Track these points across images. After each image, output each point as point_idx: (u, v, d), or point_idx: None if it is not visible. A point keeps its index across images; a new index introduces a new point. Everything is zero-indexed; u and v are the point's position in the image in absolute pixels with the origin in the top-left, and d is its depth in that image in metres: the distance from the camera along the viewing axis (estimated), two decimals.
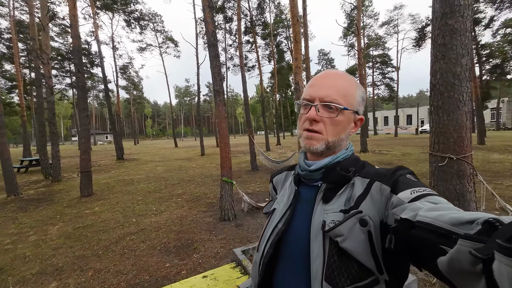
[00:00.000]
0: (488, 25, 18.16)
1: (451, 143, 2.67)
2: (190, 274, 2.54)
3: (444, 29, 2.59)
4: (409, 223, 0.38)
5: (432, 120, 2.85)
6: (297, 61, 5.64)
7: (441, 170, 2.77)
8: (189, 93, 71.54)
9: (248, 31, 18.45)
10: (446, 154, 2.70)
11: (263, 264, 0.61)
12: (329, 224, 0.51)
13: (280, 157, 12.00)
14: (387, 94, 33.09)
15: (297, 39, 5.59)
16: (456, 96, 2.61)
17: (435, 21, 2.69)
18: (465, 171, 2.67)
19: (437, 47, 2.68)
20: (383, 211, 0.48)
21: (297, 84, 5.59)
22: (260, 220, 4.09)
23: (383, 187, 0.50)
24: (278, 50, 25.05)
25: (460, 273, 0.30)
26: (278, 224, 0.62)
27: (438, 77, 2.69)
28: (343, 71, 0.64)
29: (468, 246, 0.28)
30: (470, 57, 2.61)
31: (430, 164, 2.95)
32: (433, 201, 0.42)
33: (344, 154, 0.61)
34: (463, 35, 2.51)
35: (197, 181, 7.63)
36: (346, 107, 0.57)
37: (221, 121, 4.18)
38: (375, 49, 31.67)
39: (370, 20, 27.68)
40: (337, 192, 0.56)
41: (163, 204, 5.35)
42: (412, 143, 16.25)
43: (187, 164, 11.64)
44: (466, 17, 2.49)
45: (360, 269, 0.47)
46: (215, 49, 4.13)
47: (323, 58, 36.94)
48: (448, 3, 2.55)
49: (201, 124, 19.12)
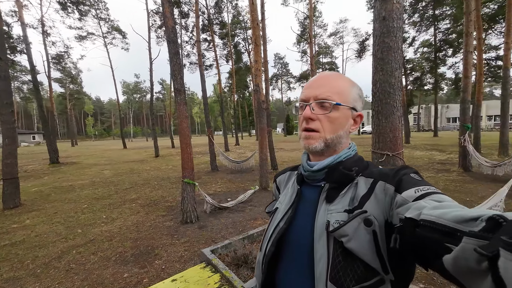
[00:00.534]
0: (411, 44, 21.78)
1: (388, 142, 3.16)
2: (153, 282, 2.41)
3: (383, 46, 3.06)
4: (414, 222, 0.38)
5: (373, 123, 3.34)
6: (257, 64, 5.82)
7: (380, 165, 3.24)
8: (139, 90, 65.77)
9: (205, 29, 18.04)
10: (384, 151, 3.19)
11: (265, 262, 0.61)
12: (333, 224, 0.51)
13: (239, 157, 12.11)
14: None
15: (257, 42, 5.78)
16: (391, 102, 3.11)
17: (376, 38, 3.15)
18: (398, 165, 3.18)
19: (377, 60, 3.15)
20: (387, 211, 0.48)
21: (257, 86, 5.77)
22: (224, 220, 4.11)
23: (387, 186, 0.50)
24: (236, 51, 25.16)
25: (466, 271, 0.29)
26: (280, 223, 0.62)
27: (378, 86, 3.16)
28: (337, 72, 0.65)
29: (473, 243, 0.28)
30: (401, 70, 3.15)
31: (372, 161, 3.43)
32: (437, 199, 0.41)
33: (347, 153, 0.61)
34: (396, 52, 3.01)
35: (153, 184, 7.16)
36: (340, 102, 0.57)
37: (182, 121, 4.05)
38: (324, 56, 34.65)
39: (320, 30, 30.14)
40: (341, 191, 0.56)
41: (115, 211, 4.87)
42: (356, 142, 18.32)
43: (139, 167, 10.76)
44: (398, 37, 3.00)
45: (365, 269, 0.47)
46: (175, 46, 3.98)
47: (279, 62, 38.59)
48: (385, 24, 3.02)
49: (154, 124, 17.87)
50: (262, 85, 5.89)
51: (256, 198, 5.23)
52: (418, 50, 27.36)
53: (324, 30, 30.14)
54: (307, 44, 28.68)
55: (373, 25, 3.21)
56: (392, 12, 2.96)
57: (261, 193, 5.55)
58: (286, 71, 40.79)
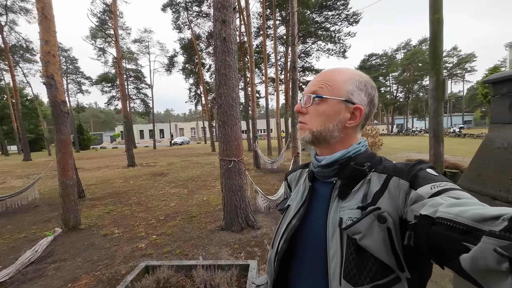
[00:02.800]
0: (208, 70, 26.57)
1: (233, 149, 3.54)
2: None
3: (225, 63, 3.39)
4: (429, 219, 0.37)
5: (220, 132, 3.58)
6: (48, 46, 3.87)
7: (228, 170, 3.55)
8: None
9: None
10: (231, 158, 3.53)
11: (277, 260, 0.60)
12: (346, 222, 0.50)
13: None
14: (143, 109, 34.53)
15: (47, 14, 3.87)
16: (235, 114, 3.53)
17: (218, 55, 3.42)
18: (242, 169, 3.67)
19: (221, 75, 3.43)
20: (402, 208, 0.47)
21: (51, 79, 3.84)
22: None
23: (402, 182, 0.49)
24: None
25: (485, 271, 0.28)
26: (292, 220, 0.61)
27: (223, 99, 3.45)
28: (341, 67, 0.63)
29: (493, 243, 0.27)
30: (238, 88, 3.67)
31: (221, 167, 3.66)
32: (455, 196, 0.40)
33: (356, 148, 0.59)
34: (235, 71, 3.48)
35: None
36: (323, 95, 0.57)
37: None
38: (128, 62, 31.67)
39: (122, 32, 27.09)
40: (353, 188, 0.54)
41: None
42: (171, 154, 18.54)
43: None
44: (236, 59, 3.48)
45: (380, 266, 0.46)
46: None
47: (61, 55, 29.03)
48: (226, 45, 3.38)
49: None
50: (59, 78, 4.03)
51: (62, 247, 3.44)
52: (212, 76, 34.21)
53: (127, 34, 27.56)
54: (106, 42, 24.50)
55: (214, 43, 3.46)
56: (231, 36, 3.39)
57: (70, 237, 3.73)
58: (74, 68, 31.74)
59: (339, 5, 16.22)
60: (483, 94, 16.74)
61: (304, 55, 20.37)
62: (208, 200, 5.51)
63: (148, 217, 4.50)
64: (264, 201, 4.32)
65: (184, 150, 22.34)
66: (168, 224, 4.09)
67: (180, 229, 3.88)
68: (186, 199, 5.69)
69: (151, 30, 28.78)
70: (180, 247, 3.25)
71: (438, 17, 2.80)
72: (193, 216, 4.43)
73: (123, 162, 13.32)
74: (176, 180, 7.92)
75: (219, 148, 3.63)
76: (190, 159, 14.35)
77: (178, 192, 6.39)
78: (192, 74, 27.85)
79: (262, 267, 2.54)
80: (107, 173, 10.17)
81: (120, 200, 5.76)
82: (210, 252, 3.05)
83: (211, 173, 8.95)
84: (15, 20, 21.18)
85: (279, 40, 17.55)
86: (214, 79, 3.53)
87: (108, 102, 32.15)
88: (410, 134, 33.44)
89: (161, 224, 4.12)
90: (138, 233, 3.79)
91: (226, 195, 3.60)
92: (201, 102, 32.52)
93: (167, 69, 23.63)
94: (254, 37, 18.20)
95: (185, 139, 38.01)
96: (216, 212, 4.59)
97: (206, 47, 23.15)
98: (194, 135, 52.14)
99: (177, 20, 19.34)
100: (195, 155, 16.54)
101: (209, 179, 7.83)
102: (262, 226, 3.75)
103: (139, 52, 29.98)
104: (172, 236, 3.60)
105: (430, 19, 2.86)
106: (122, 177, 8.90)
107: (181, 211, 4.76)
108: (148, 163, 13.13)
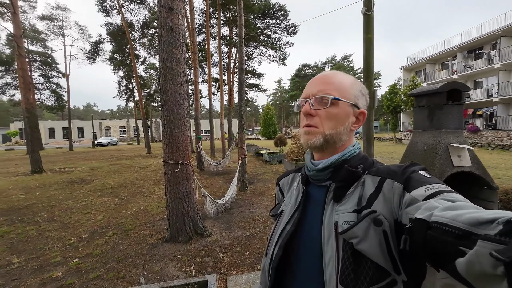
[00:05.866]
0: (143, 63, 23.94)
1: (181, 152, 3.22)
2: None
3: (171, 56, 3.06)
4: (425, 223, 0.37)
5: (165, 132, 3.20)
6: None
7: (175, 175, 3.21)
8: None
9: None
10: (178, 161, 3.20)
11: (272, 268, 0.58)
12: (343, 225, 0.49)
13: None
14: (55, 102, 28.25)
15: None
16: (182, 113, 3.22)
17: (163, 46, 3.06)
18: (190, 173, 3.39)
19: (167, 69, 3.08)
20: (396, 210, 0.47)
21: None
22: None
23: (395, 184, 0.49)
24: None
25: (480, 275, 0.28)
26: (287, 226, 0.60)
27: (169, 95, 3.11)
28: (338, 71, 0.64)
29: (488, 247, 0.27)
30: (187, 84, 3.37)
31: (165, 172, 3.26)
32: (449, 199, 0.40)
33: (351, 151, 0.59)
34: (183, 65, 3.18)
35: None
36: (338, 97, 0.56)
37: None
38: (33, 43, 25.36)
39: (23, 3, 21.40)
40: (347, 191, 0.54)
41: None
42: (94, 157, 15.75)
43: None
44: (184, 52, 3.18)
45: (377, 270, 0.45)
46: None
47: None
48: (172, 35, 3.06)
49: None
50: None
51: None
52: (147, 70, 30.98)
53: (30, 7, 22.01)
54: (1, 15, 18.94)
55: (159, 32, 3.08)
56: (178, 27, 3.08)
57: None
58: None
59: (280, 15, 17.25)
60: (387, 105, 20.95)
61: (247, 58, 20.79)
62: (146, 208, 4.86)
63: (65, 236, 3.62)
64: (213, 205, 4.09)
65: (112, 152, 19.37)
66: (95, 243, 3.38)
67: (112, 246, 3.26)
68: (117, 209, 4.86)
69: (66, 8, 23.78)
70: (114, 268, 2.72)
71: (370, 36, 3.26)
72: (128, 229, 3.81)
73: (23, 167, 10.59)
74: (103, 188, 6.72)
75: (163, 151, 3.23)
76: (120, 162, 12.53)
77: (107, 201, 5.42)
78: (123, 66, 24.56)
79: (221, 281, 2.36)
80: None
81: (20, 218, 4.45)
82: (154, 270, 2.66)
83: (147, 178, 8.00)
84: None
85: (223, 41, 17.35)
86: (158, 72, 3.10)
87: (0, 91, 24.90)
88: None
89: (85, 244, 3.37)
90: (51, 258, 2.99)
91: (171, 203, 3.22)
92: (133, 98, 29.01)
93: (89, 57, 19.96)
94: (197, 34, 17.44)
95: (113, 139, 33.10)
96: (158, 222, 4.08)
97: (140, 37, 20.78)
98: (124, 135, 46.02)
99: (103, 1, 16.63)
100: (126, 158, 14.56)
101: (145, 185, 6.97)
102: (212, 233, 3.53)
103: (48, 31, 24.35)
104: (101, 257, 2.98)
105: (364, 37, 3.29)
106: (23, 188, 6.98)
107: (112, 225, 4.03)
108: (62, 168, 10.78)
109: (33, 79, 25.14)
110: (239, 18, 6.03)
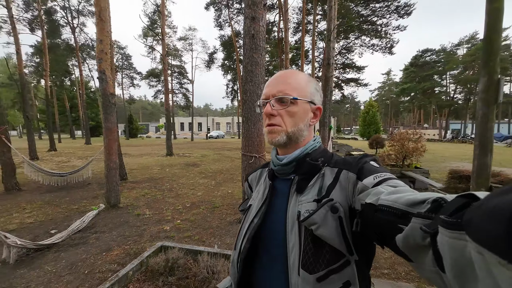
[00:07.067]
0: None
1: (255, 145, 3.57)
2: None
3: (252, 60, 3.42)
4: (373, 207, 0.42)
5: (243, 128, 3.64)
6: (102, 44, 4.44)
7: (249, 166, 3.60)
8: None
9: None
10: (252, 154, 3.58)
11: (240, 260, 0.61)
12: (304, 214, 0.53)
13: (62, 168, 8.71)
14: (184, 103, 36.87)
15: (103, 17, 4.43)
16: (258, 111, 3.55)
17: (246, 52, 3.47)
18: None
19: (247, 72, 3.47)
20: (351, 197, 0.52)
21: (103, 74, 4.41)
22: (52, 265, 2.68)
23: (350, 174, 0.54)
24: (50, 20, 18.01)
25: (414, 247, 0.33)
26: (254, 219, 0.62)
27: (248, 95, 3.50)
28: (294, 69, 0.69)
29: (419, 222, 0.32)
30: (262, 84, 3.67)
31: (242, 162, 3.74)
32: (392, 185, 0.46)
33: (312, 145, 0.64)
34: (262, 68, 3.48)
35: None
36: (296, 97, 0.60)
37: None
38: (173, 59, 34.03)
39: (169, 30, 29.18)
40: (309, 182, 0.58)
41: None
42: (206, 147, 19.50)
43: None
44: (263, 55, 3.49)
45: (333, 253, 0.50)
46: None
47: (119, 52, 32.62)
48: (254, 41, 3.40)
49: None
50: (109, 73, 4.58)
51: (103, 221, 3.95)
52: None
53: (174, 32, 29.54)
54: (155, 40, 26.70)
55: (243, 39, 3.52)
56: (259, 33, 3.41)
57: (110, 213, 4.27)
58: (128, 64, 35.35)
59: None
60: None
61: (346, 51, 19.25)
62: (232, 193, 5.70)
63: (176, 203, 4.86)
64: None
65: (218, 144, 23.27)
66: (193, 212, 4.36)
67: (202, 217, 4.11)
68: (212, 190, 5.97)
69: (195, 28, 30.33)
70: (200, 233, 3.46)
71: (497, 6, 2.39)
72: (216, 206, 4.65)
73: (162, 151, 14.49)
74: (206, 172, 8.34)
75: (242, 144, 3.71)
76: (222, 152, 14.90)
77: (206, 183, 6.73)
78: (230, 71, 28.66)
79: None
80: (148, 160, 11.21)
81: (155, 185, 6.32)
82: (226, 242, 3.18)
83: (239, 168, 9.18)
84: (84, 22, 24.45)
85: (319, 36, 16.90)
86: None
87: (155, 96, 35.14)
88: (468, 141, 26.78)
89: (186, 211, 4.42)
90: (166, 216, 4.14)
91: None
92: (237, 98, 33.44)
93: (207, 65, 24.76)
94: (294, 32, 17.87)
95: (220, 133, 39.47)
96: (238, 205, 4.72)
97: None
98: (229, 129, 53.81)
99: (218, 18, 20.06)
100: (227, 149, 17.12)
101: (236, 173, 8.06)
102: None
103: (183, 49, 31.92)
104: (194, 223, 3.84)
105: (487, 8, 2.45)
106: (160, 165, 9.71)
107: (206, 201, 5.03)
108: (184, 153, 14.04)
109: (172, 86, 33.90)
110: (329, 11, 5.80)
